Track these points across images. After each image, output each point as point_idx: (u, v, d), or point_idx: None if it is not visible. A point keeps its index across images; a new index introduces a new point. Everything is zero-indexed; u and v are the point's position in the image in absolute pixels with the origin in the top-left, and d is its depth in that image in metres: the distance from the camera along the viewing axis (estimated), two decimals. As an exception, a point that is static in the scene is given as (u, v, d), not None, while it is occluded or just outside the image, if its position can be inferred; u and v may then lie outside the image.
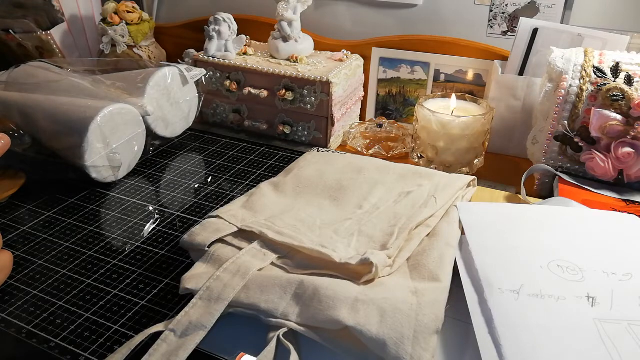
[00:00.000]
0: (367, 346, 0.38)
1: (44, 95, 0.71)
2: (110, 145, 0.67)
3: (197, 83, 0.84)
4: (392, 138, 0.83)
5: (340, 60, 0.86)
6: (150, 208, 0.64)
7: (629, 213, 0.54)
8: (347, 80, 0.83)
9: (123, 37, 0.96)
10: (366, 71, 0.91)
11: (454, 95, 0.73)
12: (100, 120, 0.64)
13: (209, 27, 0.86)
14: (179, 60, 0.96)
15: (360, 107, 0.94)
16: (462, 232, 0.51)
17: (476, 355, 0.38)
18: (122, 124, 0.68)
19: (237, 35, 0.88)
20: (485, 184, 0.69)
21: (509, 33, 0.84)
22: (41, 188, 0.68)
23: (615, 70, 0.61)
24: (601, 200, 0.60)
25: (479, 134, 0.70)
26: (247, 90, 0.83)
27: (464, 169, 0.73)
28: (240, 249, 0.48)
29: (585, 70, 0.62)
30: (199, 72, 0.82)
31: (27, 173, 0.68)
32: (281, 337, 0.40)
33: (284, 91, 0.81)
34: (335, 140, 0.85)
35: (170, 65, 0.79)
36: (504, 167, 0.78)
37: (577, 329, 0.39)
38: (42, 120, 0.67)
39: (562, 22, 0.80)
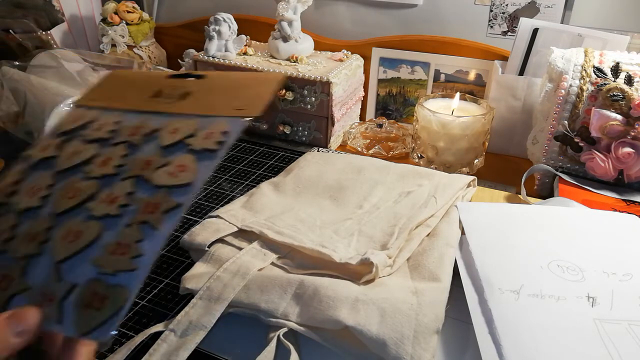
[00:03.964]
0: (367, 346, 0.38)
1: (34, 77, 0.74)
2: None
3: None
4: (392, 138, 0.83)
5: (340, 60, 0.86)
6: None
7: (629, 213, 0.54)
8: (347, 80, 0.83)
9: (123, 37, 0.96)
10: (366, 71, 0.91)
11: (457, 95, 0.73)
12: (63, 107, 0.66)
13: (209, 27, 0.86)
14: (179, 61, 0.96)
15: (360, 107, 0.94)
16: (462, 232, 0.51)
17: (476, 355, 0.38)
18: None
19: (237, 35, 0.88)
20: (486, 184, 0.69)
21: (509, 33, 0.84)
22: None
23: (616, 70, 0.61)
24: (601, 200, 0.60)
25: (479, 134, 0.70)
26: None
27: (464, 169, 0.73)
28: (240, 248, 0.48)
29: (585, 70, 0.62)
30: None
31: (6, 157, 0.70)
32: (281, 337, 0.40)
33: (284, 91, 0.81)
34: (335, 140, 0.85)
35: (161, 70, 0.80)
36: (504, 167, 0.78)
37: (577, 329, 0.39)
38: (26, 99, 0.70)
39: (562, 22, 0.80)
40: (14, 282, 0.29)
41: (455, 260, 0.47)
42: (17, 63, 0.79)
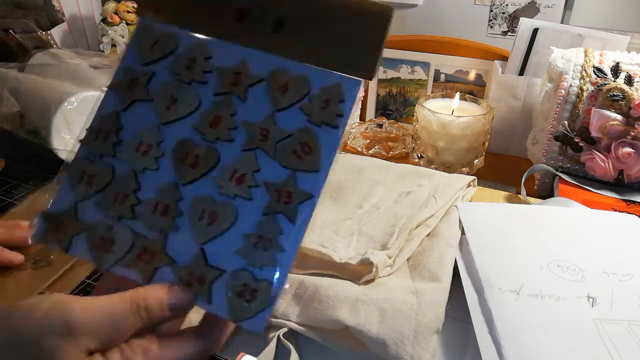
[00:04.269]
0: (367, 346, 0.38)
1: (34, 76, 0.73)
2: (74, 131, 0.67)
3: None
4: (392, 138, 0.83)
5: (340, 60, 0.86)
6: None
7: (629, 213, 0.54)
8: (347, 80, 0.83)
9: (123, 37, 0.96)
10: (366, 71, 0.91)
11: (457, 95, 0.73)
12: (67, 105, 0.65)
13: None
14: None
15: (360, 107, 0.94)
16: (462, 232, 0.51)
17: (476, 355, 0.38)
18: None
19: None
20: (486, 184, 0.69)
21: (509, 33, 0.84)
22: (24, 179, 0.69)
23: (616, 70, 0.61)
24: (601, 200, 0.60)
25: (479, 134, 0.70)
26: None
27: (464, 169, 0.73)
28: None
29: (585, 70, 0.62)
30: None
31: (6, 157, 0.69)
32: (281, 337, 0.40)
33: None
34: (335, 140, 0.84)
35: None
36: (504, 167, 0.78)
37: (577, 329, 0.39)
38: (29, 99, 0.70)
39: (562, 22, 0.80)
40: (157, 256, 0.30)
41: (455, 260, 0.47)
42: (14, 64, 0.79)
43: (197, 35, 0.34)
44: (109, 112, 0.33)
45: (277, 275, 0.29)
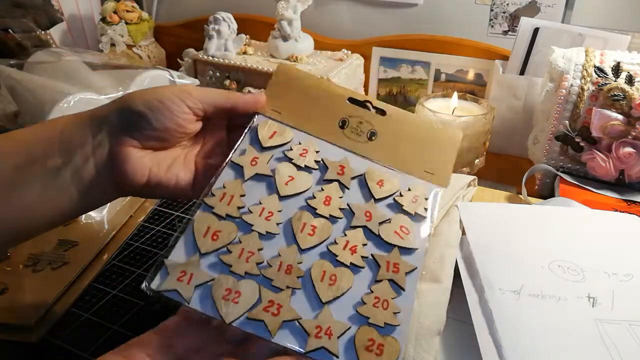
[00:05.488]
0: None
1: (31, 74, 0.73)
2: None
3: None
4: (392, 138, 0.83)
5: (340, 60, 0.86)
6: (150, 208, 0.64)
7: (630, 213, 0.54)
8: (347, 80, 0.83)
9: (122, 36, 0.96)
10: (366, 71, 0.91)
11: (455, 94, 0.73)
12: (63, 104, 0.64)
13: (208, 26, 0.86)
14: (179, 60, 0.96)
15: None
16: (463, 233, 0.51)
17: (477, 355, 0.37)
18: None
19: (237, 35, 0.88)
20: (486, 184, 0.69)
21: (509, 32, 0.84)
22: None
23: (616, 70, 0.61)
24: (602, 200, 0.60)
25: (479, 133, 0.70)
26: (246, 89, 0.83)
27: (464, 168, 0.72)
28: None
29: (586, 69, 0.62)
30: (191, 82, 0.82)
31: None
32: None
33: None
34: (335, 140, 0.84)
35: (161, 69, 0.79)
36: (504, 167, 0.78)
37: (577, 329, 0.39)
38: (24, 97, 0.69)
39: (563, 22, 0.80)
40: (284, 309, 0.32)
41: (456, 260, 0.47)
42: (13, 62, 0.79)
43: (306, 132, 0.41)
44: (233, 179, 0.38)
45: (398, 333, 0.31)
